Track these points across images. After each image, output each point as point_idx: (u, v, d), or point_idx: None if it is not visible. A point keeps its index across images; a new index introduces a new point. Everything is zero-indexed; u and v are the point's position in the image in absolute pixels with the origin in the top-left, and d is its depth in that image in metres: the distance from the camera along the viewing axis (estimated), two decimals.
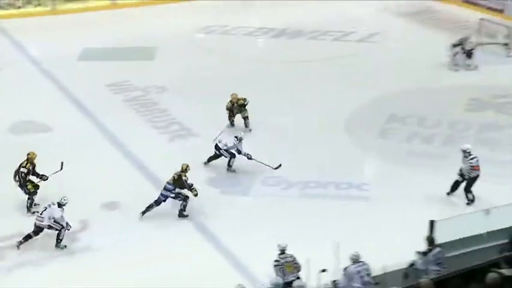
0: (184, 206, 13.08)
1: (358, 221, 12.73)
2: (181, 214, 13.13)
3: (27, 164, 13.08)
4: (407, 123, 16.98)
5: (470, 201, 13.23)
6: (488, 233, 10.97)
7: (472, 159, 13.32)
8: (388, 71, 20.19)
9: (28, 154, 13.17)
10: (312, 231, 12.33)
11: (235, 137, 14.80)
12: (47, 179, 13.23)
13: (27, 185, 13.09)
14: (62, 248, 12.14)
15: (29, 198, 13.15)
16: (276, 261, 10.37)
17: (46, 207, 12.08)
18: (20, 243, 12.07)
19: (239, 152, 14.63)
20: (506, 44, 21.73)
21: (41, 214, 12.08)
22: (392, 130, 16.64)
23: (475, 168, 13.29)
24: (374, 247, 10.95)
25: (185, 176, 13.05)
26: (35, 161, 13.21)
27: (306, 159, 15.23)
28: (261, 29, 24.93)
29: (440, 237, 10.33)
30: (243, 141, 14.71)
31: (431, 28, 24.54)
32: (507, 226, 10.96)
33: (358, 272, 9.92)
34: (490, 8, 25.74)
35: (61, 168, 13.42)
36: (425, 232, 10.42)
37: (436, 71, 20.29)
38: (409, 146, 15.84)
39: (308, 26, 24.72)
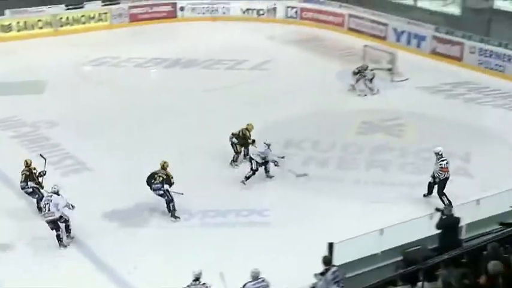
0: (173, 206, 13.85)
1: (260, 246, 12.83)
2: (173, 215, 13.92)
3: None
4: (302, 147, 17.39)
5: (448, 205, 13.40)
6: (382, 252, 11.42)
7: (442, 161, 14.13)
8: (281, 97, 20.69)
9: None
10: (216, 259, 12.27)
11: (264, 143, 15.30)
12: (45, 173, 14.07)
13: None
14: (72, 238, 13.02)
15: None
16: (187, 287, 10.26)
17: (48, 203, 12.62)
18: (60, 244, 12.85)
19: (264, 160, 15.29)
20: (390, 69, 22.85)
21: (48, 211, 12.61)
22: (289, 155, 16.94)
23: (444, 169, 14.09)
24: (276, 271, 11.03)
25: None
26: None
27: (205, 188, 15.20)
28: (154, 60, 24.90)
29: (339, 259, 10.58)
30: (271, 147, 15.31)
31: (320, 55, 25.46)
32: (400, 244, 11.45)
33: None
34: (373, 35, 27.07)
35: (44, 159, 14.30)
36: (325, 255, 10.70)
37: (327, 96, 21.02)
38: (306, 170, 16.17)
39: (202, 56, 24.99)
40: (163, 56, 25.18)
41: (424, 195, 14.56)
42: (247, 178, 15.38)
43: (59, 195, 12.74)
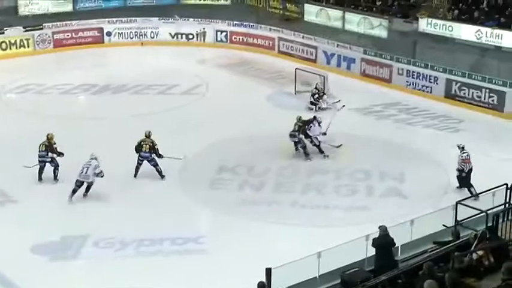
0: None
1: (198, 274, 12.73)
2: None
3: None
4: (237, 172, 17.45)
5: (475, 195, 14.20)
6: (320, 275, 11.53)
7: (463, 153, 15.63)
8: (214, 121, 20.75)
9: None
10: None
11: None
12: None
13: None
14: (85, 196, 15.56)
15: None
16: None
17: (87, 167, 15.54)
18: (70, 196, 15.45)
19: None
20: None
21: (86, 173, 15.50)
22: (224, 180, 16.98)
23: (466, 161, 15.67)
24: None
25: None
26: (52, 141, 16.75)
27: (140, 217, 15.02)
28: (82, 86, 24.53)
29: (277, 284, 10.62)
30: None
31: (251, 78, 25.70)
32: (338, 267, 11.60)
33: None
34: (303, 58, 27.58)
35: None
36: (263, 280, 10.72)
37: (260, 119, 21.18)
38: (241, 195, 16.23)
39: (131, 81, 24.81)
40: (91, 82, 24.83)
41: (458, 188, 15.88)
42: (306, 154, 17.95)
43: (97, 161, 15.68)
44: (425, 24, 24.12)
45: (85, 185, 15.66)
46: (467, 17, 23.69)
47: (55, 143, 16.79)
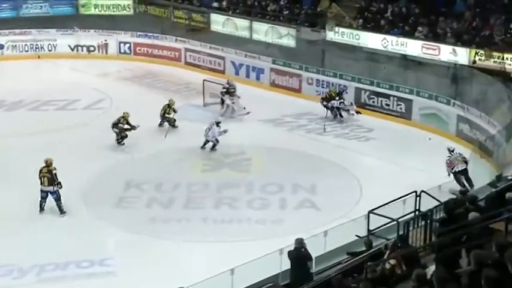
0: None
1: None
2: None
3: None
4: (144, 189, 17.28)
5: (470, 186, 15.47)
6: None
7: (448, 157, 16.29)
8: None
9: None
10: None
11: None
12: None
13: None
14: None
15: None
16: None
17: (209, 128, 19.46)
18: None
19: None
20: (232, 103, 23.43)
21: (207, 133, 19.38)
22: (131, 198, 16.78)
23: (449, 164, 16.43)
24: None
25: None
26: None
27: (41, 239, 14.61)
28: None
29: None
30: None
31: (158, 91, 25.53)
32: (252, 283, 11.71)
33: None
34: (211, 69, 27.71)
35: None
36: None
37: (168, 134, 21.03)
38: (150, 213, 16.08)
39: (28, 97, 24.11)
40: None
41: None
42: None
43: (218, 126, 19.42)
44: (332, 33, 24.79)
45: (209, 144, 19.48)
46: (374, 25, 24.55)
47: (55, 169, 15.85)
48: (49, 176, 15.63)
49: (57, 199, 15.77)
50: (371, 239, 12.53)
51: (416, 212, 13.22)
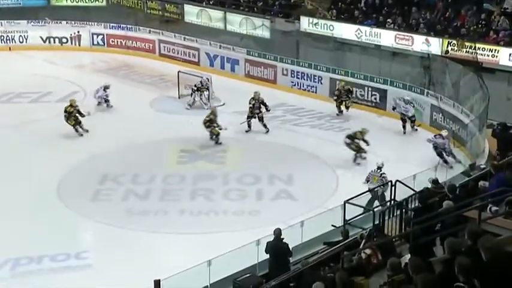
0: None
1: None
2: None
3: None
4: (120, 182, 17.24)
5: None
6: (212, 284, 11.70)
7: (371, 171, 15.85)
8: (92, 129, 20.33)
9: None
10: None
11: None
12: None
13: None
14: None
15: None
16: None
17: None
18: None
19: None
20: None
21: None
22: (107, 190, 16.73)
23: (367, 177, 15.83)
24: None
25: None
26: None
27: (14, 234, 14.48)
28: None
29: None
30: None
31: (132, 83, 25.43)
32: (230, 274, 11.79)
33: None
34: (186, 61, 27.65)
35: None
36: None
37: (143, 125, 20.99)
38: (126, 205, 16.06)
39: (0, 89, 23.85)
40: None
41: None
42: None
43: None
44: (306, 24, 24.88)
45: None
46: (347, 16, 24.69)
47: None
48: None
49: None
50: (347, 229, 12.70)
51: (392, 202, 13.42)
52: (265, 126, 20.62)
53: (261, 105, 20.61)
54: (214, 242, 13.68)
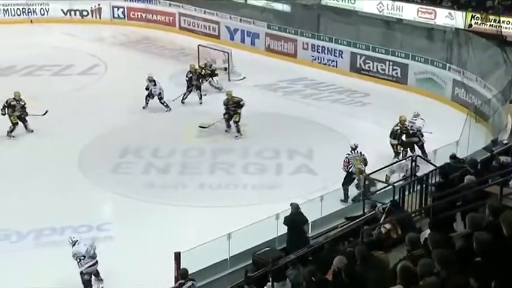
0: None
1: (105, 263, 12.52)
2: None
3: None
4: (141, 155, 17.34)
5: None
6: (231, 257, 11.77)
7: (347, 154, 14.91)
8: (114, 102, 20.45)
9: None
10: (59, 282, 11.92)
11: None
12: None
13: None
14: None
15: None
16: None
17: None
18: None
19: None
20: (226, 69, 23.42)
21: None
22: (128, 164, 16.84)
23: (344, 163, 14.85)
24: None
25: None
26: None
27: (37, 205, 14.67)
28: None
29: (188, 268, 10.76)
30: None
31: (152, 57, 25.46)
32: (249, 247, 11.85)
33: None
34: (206, 34, 27.57)
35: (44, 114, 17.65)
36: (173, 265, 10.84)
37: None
38: (147, 178, 16.16)
39: (21, 62, 23.97)
40: None
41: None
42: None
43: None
44: None
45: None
46: None
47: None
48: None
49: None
50: (375, 202, 12.56)
51: (412, 177, 13.37)
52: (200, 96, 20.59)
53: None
54: (233, 216, 13.70)
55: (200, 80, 20.89)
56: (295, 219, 12.08)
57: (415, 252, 7.10)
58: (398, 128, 16.55)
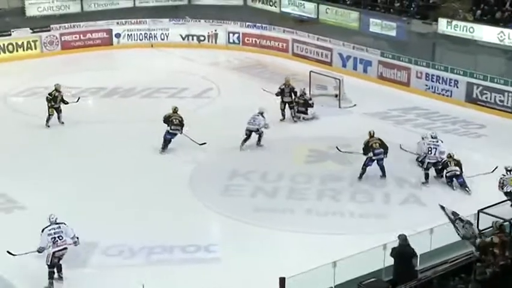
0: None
1: (209, 284, 12.73)
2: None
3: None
4: (249, 178, 17.48)
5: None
6: (336, 285, 11.55)
7: (503, 175, 15.22)
8: (226, 126, 20.74)
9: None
10: None
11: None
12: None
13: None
14: None
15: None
16: None
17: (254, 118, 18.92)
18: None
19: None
20: (336, 96, 23.32)
21: (253, 121, 18.84)
22: (236, 186, 17.02)
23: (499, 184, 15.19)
24: None
25: None
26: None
27: (149, 223, 15.08)
28: (90, 89, 24.65)
29: None
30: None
31: (265, 81, 25.68)
32: (354, 277, 11.61)
33: None
34: (318, 61, 27.61)
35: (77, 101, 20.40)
36: None
37: (272, 124, 21.09)
38: (254, 202, 16.26)
39: (140, 84, 24.96)
40: (99, 85, 25.01)
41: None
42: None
43: (263, 116, 19.21)
44: (445, 26, 24.08)
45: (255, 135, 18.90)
46: (489, 18, 23.62)
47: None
48: (180, 119, 18.56)
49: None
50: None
51: None
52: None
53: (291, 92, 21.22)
54: (339, 244, 13.57)
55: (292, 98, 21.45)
56: (403, 251, 11.74)
57: None
58: None
